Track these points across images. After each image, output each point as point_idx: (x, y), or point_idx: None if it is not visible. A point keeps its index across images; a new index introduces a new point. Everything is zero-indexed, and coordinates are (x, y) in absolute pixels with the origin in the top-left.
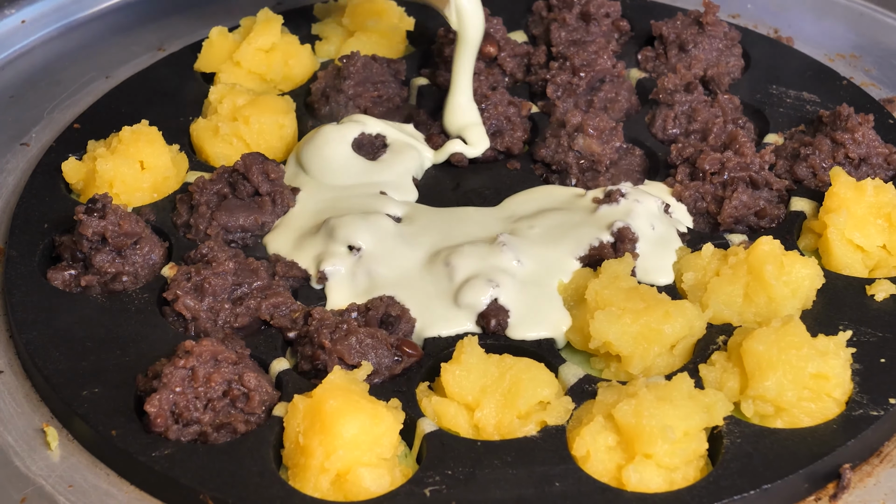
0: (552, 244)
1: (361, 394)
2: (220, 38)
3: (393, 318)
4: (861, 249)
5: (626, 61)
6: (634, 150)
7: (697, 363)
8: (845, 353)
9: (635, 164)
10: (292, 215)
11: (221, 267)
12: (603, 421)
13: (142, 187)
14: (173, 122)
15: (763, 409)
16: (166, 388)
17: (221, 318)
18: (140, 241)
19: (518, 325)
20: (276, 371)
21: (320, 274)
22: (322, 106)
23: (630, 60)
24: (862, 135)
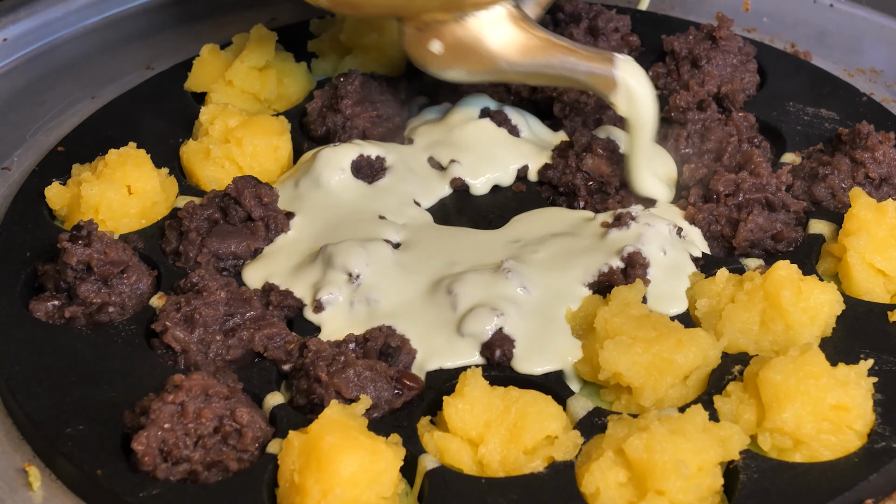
0: (559, 270)
1: (360, 429)
2: (211, 56)
3: (393, 349)
4: (883, 273)
5: None
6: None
7: (712, 394)
8: (867, 383)
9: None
10: (286, 242)
11: (213, 296)
12: (613, 456)
13: (129, 213)
14: (162, 144)
15: (781, 442)
16: (154, 424)
17: (213, 351)
18: (127, 269)
19: (524, 356)
20: (271, 406)
21: (316, 303)
22: (318, 126)
23: None
24: (883, 153)
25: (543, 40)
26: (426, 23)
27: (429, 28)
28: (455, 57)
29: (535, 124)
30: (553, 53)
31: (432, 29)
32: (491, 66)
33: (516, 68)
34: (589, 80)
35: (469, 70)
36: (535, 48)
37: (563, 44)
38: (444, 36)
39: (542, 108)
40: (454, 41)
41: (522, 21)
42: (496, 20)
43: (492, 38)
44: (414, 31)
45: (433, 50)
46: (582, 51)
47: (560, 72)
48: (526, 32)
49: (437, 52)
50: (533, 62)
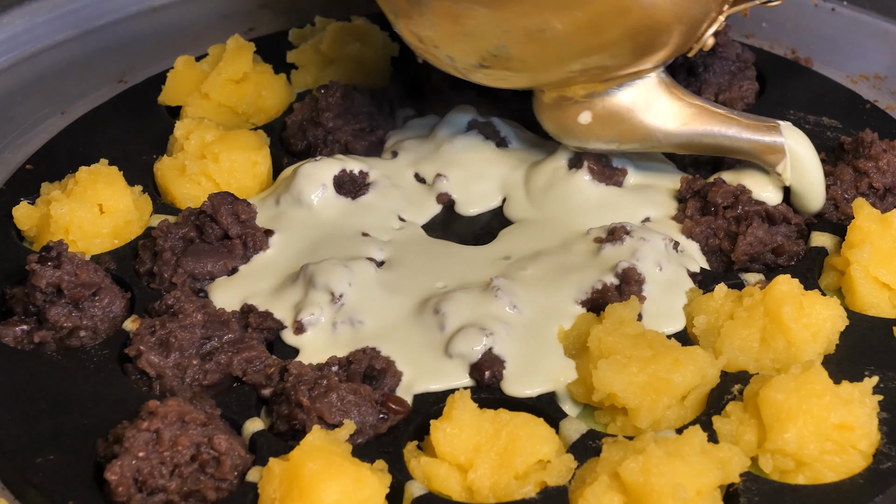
0: (551, 287)
1: (344, 455)
2: (186, 69)
3: (377, 372)
4: (888, 287)
5: None
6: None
7: (711, 415)
8: (871, 401)
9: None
10: (265, 261)
11: (189, 319)
12: (608, 480)
13: (101, 233)
14: (135, 160)
15: (783, 463)
16: (129, 453)
17: (189, 376)
18: (99, 292)
19: (515, 378)
20: (250, 432)
21: (298, 324)
22: (299, 141)
23: None
24: (887, 162)
25: (700, 108)
26: (573, 94)
27: (575, 99)
28: (605, 128)
29: (524, 135)
30: (712, 122)
31: (584, 99)
32: (644, 136)
33: (672, 139)
34: (753, 149)
35: (620, 141)
36: (691, 117)
37: (721, 112)
38: (595, 107)
39: (532, 118)
40: (605, 112)
41: (675, 88)
42: (650, 88)
43: (645, 108)
44: (556, 102)
45: (581, 122)
46: (743, 119)
47: (720, 141)
48: (681, 101)
49: (585, 123)
50: (690, 132)
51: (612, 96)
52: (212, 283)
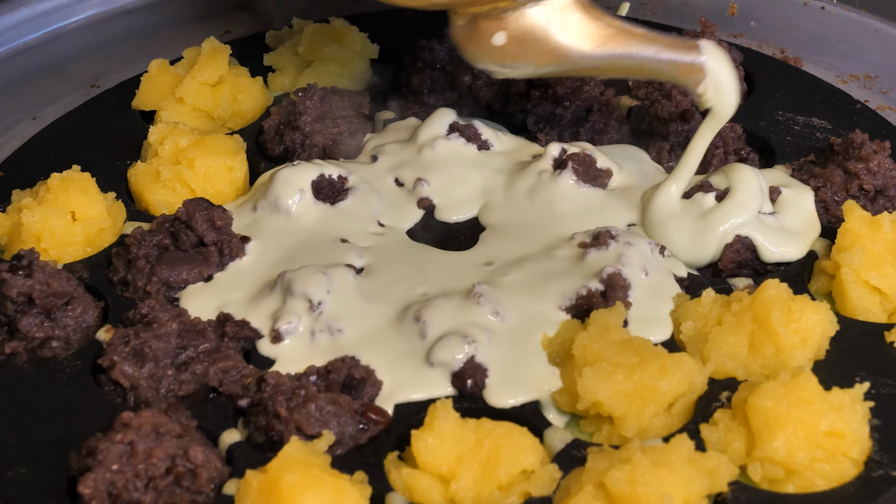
0: (535, 294)
1: (323, 467)
2: (160, 72)
3: (357, 381)
4: (879, 291)
5: (616, 88)
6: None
7: (698, 423)
8: (862, 408)
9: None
10: (242, 268)
11: (163, 328)
12: (594, 491)
13: (73, 241)
14: (109, 167)
15: (772, 472)
16: (102, 466)
17: (164, 386)
18: (72, 301)
19: (498, 387)
20: (227, 444)
21: (275, 333)
22: (276, 145)
23: (620, 87)
24: (877, 164)
25: (618, 29)
26: (485, 13)
27: (488, 19)
28: (521, 49)
29: (506, 137)
30: (631, 43)
31: (492, 19)
32: (561, 58)
33: (589, 60)
34: (672, 69)
35: (537, 63)
36: (610, 37)
37: (640, 32)
38: (508, 26)
39: (515, 121)
40: (519, 32)
41: (592, 8)
42: (564, 7)
43: (561, 27)
44: (469, 23)
45: (496, 43)
46: (663, 38)
47: (639, 62)
48: (598, 21)
49: (499, 44)
50: (608, 52)
51: (525, 15)
52: (185, 292)
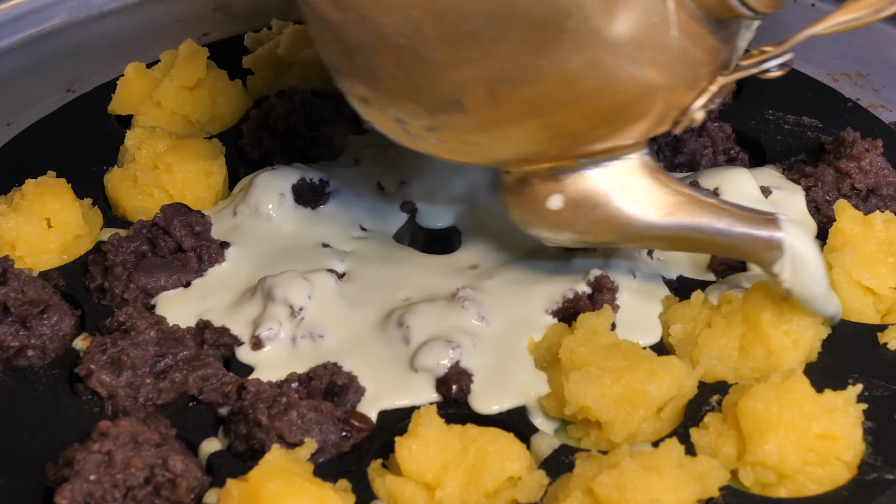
0: (520, 298)
1: (305, 475)
2: (137, 76)
3: (339, 388)
4: (871, 292)
5: None
6: None
7: (688, 427)
8: (855, 410)
9: None
10: (221, 274)
11: (141, 336)
12: (582, 497)
13: (49, 248)
14: (85, 172)
15: (764, 476)
16: (79, 476)
17: (143, 395)
18: (47, 309)
19: (483, 392)
20: (207, 453)
21: (255, 339)
22: (255, 149)
23: None
24: (869, 162)
25: (688, 197)
26: (540, 172)
27: (543, 179)
28: (577, 215)
29: None
30: (701, 213)
31: (548, 181)
32: (622, 227)
33: (654, 231)
34: (746, 245)
35: (595, 232)
36: (678, 206)
37: (711, 202)
38: (566, 189)
39: None
40: (578, 196)
41: (660, 174)
42: (630, 171)
43: (624, 193)
44: (520, 183)
45: (550, 206)
46: (736, 210)
47: (710, 235)
48: (667, 188)
49: (554, 208)
50: (676, 224)
51: (585, 177)
52: (163, 298)
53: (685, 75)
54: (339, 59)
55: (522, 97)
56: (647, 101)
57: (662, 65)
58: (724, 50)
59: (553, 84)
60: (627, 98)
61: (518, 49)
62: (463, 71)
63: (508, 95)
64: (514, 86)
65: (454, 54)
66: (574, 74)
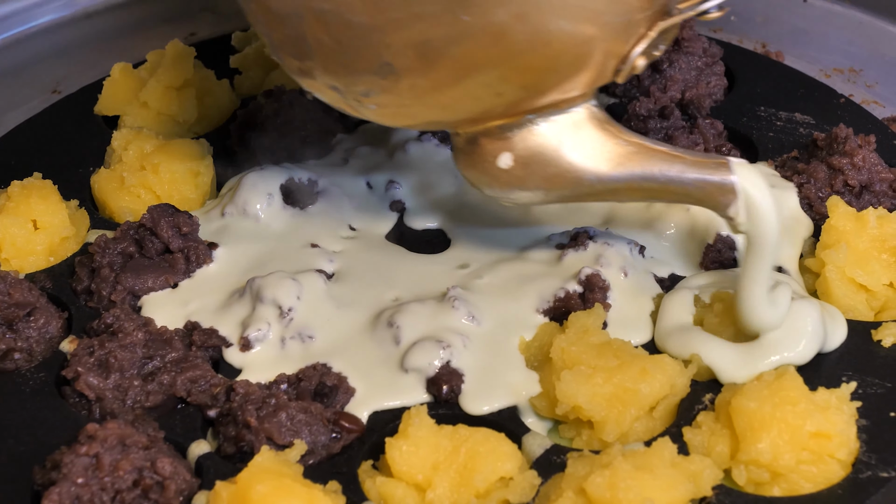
0: (511, 297)
1: (294, 477)
2: (123, 76)
3: (329, 389)
4: (865, 289)
5: None
6: None
7: (681, 426)
8: (849, 408)
9: None
10: (209, 275)
11: (129, 338)
12: (574, 497)
13: (35, 250)
14: (71, 173)
15: (757, 475)
16: (67, 479)
17: (131, 397)
18: (34, 311)
19: (474, 392)
20: (196, 455)
21: (244, 341)
22: (243, 149)
23: None
24: (862, 159)
25: (639, 146)
26: (487, 131)
27: (491, 138)
28: (528, 172)
29: None
30: (653, 161)
31: (496, 139)
32: (574, 181)
33: (606, 183)
34: (699, 190)
35: (546, 188)
36: (629, 156)
37: (662, 149)
38: (514, 146)
39: None
40: (527, 152)
41: (609, 124)
42: (578, 123)
43: (574, 146)
44: (470, 143)
45: (501, 165)
46: (688, 156)
47: (662, 183)
48: (617, 138)
49: (505, 167)
50: (628, 174)
51: (534, 133)
52: (150, 300)
53: (620, 23)
54: (270, 30)
55: (453, 56)
56: (583, 51)
57: (594, 13)
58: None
59: (482, 41)
60: (561, 50)
61: (442, 6)
62: (390, 33)
63: (439, 55)
64: (442, 45)
65: (378, 16)
66: (501, 29)
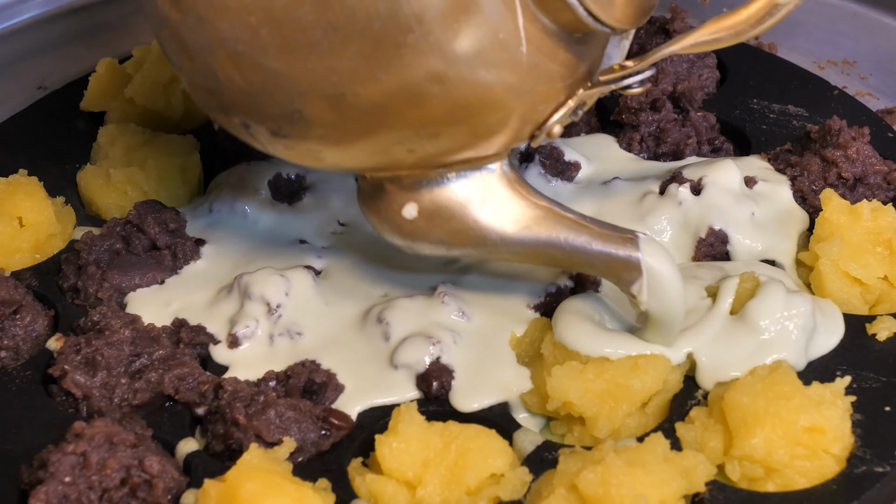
0: (502, 292)
1: (284, 474)
2: (109, 72)
3: (318, 386)
4: (859, 282)
5: None
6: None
7: (674, 422)
8: (844, 402)
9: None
10: (197, 272)
11: (116, 336)
12: (566, 493)
13: (21, 248)
14: (57, 170)
15: (751, 470)
16: (54, 478)
17: (118, 395)
18: (20, 310)
19: (465, 389)
20: (184, 453)
21: (232, 338)
22: (231, 145)
23: None
24: (856, 151)
25: (546, 211)
26: (394, 179)
27: (398, 187)
28: (432, 225)
29: None
30: (558, 229)
31: (403, 188)
32: (478, 239)
33: (511, 245)
34: (603, 265)
35: (450, 243)
36: (536, 220)
37: (571, 217)
38: (421, 198)
39: None
40: (432, 206)
41: (521, 186)
42: (488, 182)
43: (481, 204)
44: (377, 188)
45: (406, 216)
46: (595, 227)
47: (566, 252)
48: (525, 199)
49: (409, 217)
50: (532, 238)
51: (442, 187)
52: (137, 297)
53: (540, 90)
54: (181, 60)
55: (366, 112)
56: (499, 115)
57: (513, 80)
58: (583, 65)
59: (396, 98)
60: (476, 113)
61: (357, 62)
62: (302, 81)
63: (350, 108)
64: (355, 98)
65: (293, 64)
66: (417, 89)
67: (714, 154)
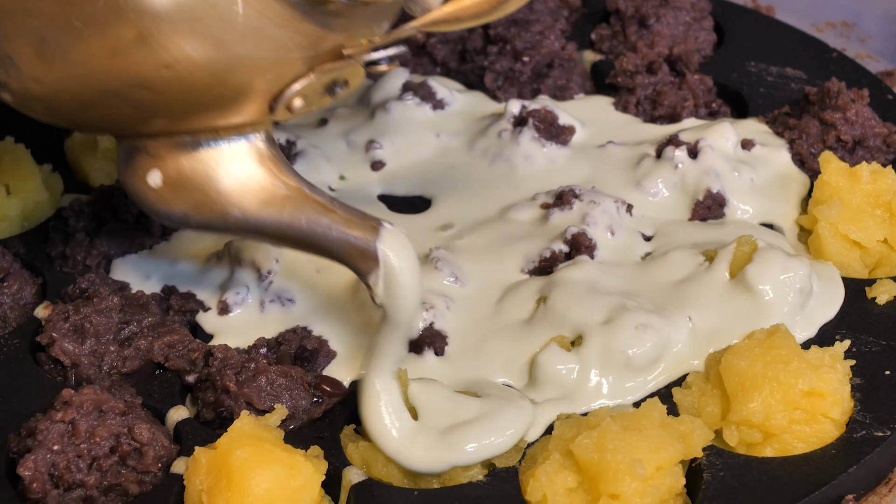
0: (495, 257)
1: (275, 442)
2: None
3: (309, 353)
4: (858, 245)
5: (578, 42)
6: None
7: (670, 386)
8: (843, 366)
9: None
10: (186, 238)
11: (105, 303)
12: (561, 459)
13: (8, 216)
14: (44, 137)
15: (749, 435)
16: (42, 446)
17: (107, 363)
18: (7, 277)
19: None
20: (174, 421)
21: (222, 304)
22: None
23: (582, 41)
24: (855, 113)
25: (293, 190)
26: (141, 146)
27: (144, 153)
28: (176, 196)
29: (462, 96)
30: (302, 210)
31: (149, 155)
32: (219, 212)
33: (251, 221)
34: (341, 252)
35: (193, 215)
36: (281, 199)
37: (317, 199)
38: (165, 166)
39: (472, 78)
40: (177, 175)
41: (272, 162)
42: (236, 154)
43: (226, 176)
44: (127, 153)
45: (150, 183)
46: (340, 212)
47: (307, 235)
48: (272, 177)
49: (154, 185)
50: (274, 217)
51: (187, 157)
52: (125, 263)
53: (263, 56)
54: None
55: (70, 61)
56: (210, 79)
57: (226, 39)
58: (332, 37)
59: (97, 52)
60: (187, 76)
61: (52, 6)
62: (4, 24)
63: (55, 57)
64: (56, 47)
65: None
66: (116, 43)
67: (711, 117)
